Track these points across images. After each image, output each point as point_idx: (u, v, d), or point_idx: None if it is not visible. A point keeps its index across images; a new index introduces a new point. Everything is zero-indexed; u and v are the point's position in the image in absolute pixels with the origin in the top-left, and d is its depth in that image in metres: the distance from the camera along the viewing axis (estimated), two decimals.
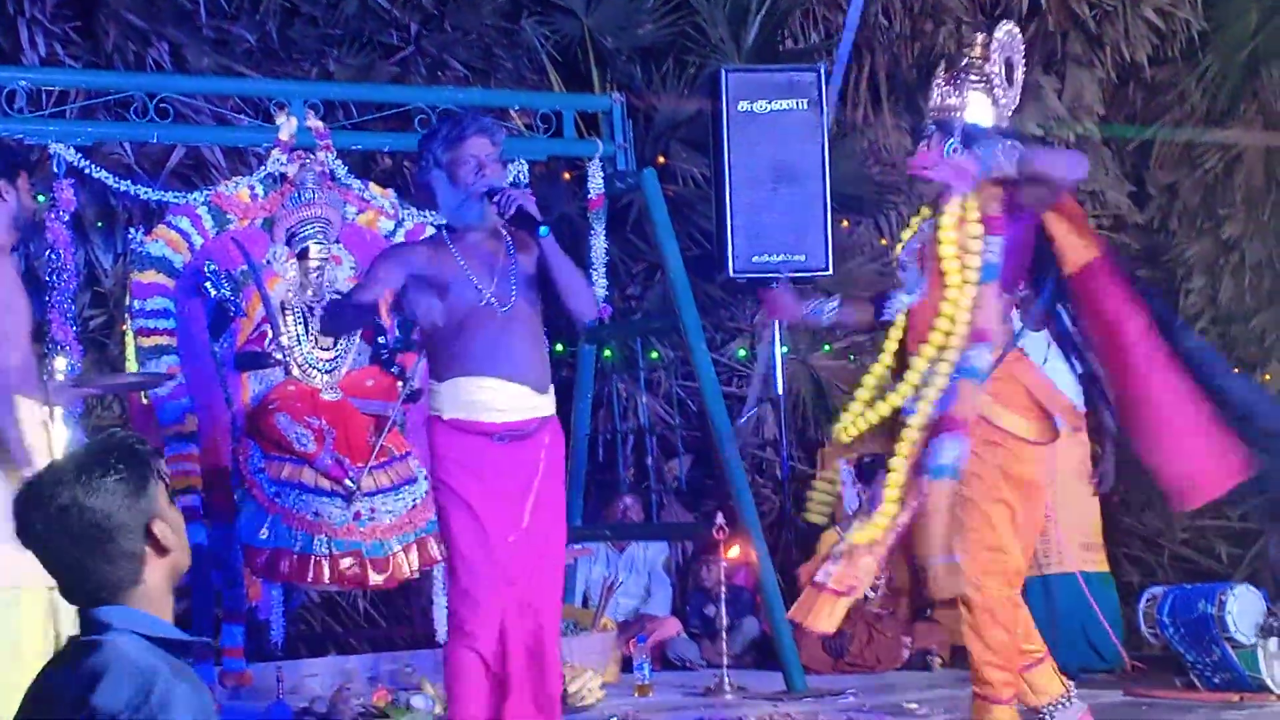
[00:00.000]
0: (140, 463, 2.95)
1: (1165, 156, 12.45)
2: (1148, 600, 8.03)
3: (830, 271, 9.45)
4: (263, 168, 7.96)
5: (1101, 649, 8.71)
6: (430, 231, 8.17)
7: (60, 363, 7.28)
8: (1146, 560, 11.07)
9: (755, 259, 9.15)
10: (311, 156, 7.95)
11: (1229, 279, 12.08)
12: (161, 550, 2.94)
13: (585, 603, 9.44)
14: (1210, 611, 7.68)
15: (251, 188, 7.90)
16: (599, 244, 8.84)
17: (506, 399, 5.57)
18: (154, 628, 2.90)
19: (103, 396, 8.70)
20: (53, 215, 7.45)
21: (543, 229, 5.57)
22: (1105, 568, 8.89)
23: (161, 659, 2.84)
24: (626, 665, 8.54)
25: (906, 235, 6.07)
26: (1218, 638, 7.62)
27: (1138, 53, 12.19)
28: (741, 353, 11.19)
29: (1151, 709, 7.42)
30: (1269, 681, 7.56)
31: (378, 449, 7.63)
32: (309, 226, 7.87)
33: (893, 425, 5.94)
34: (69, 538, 2.89)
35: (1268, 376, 11.91)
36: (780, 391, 9.82)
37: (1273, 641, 7.56)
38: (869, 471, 9.61)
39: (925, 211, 6.03)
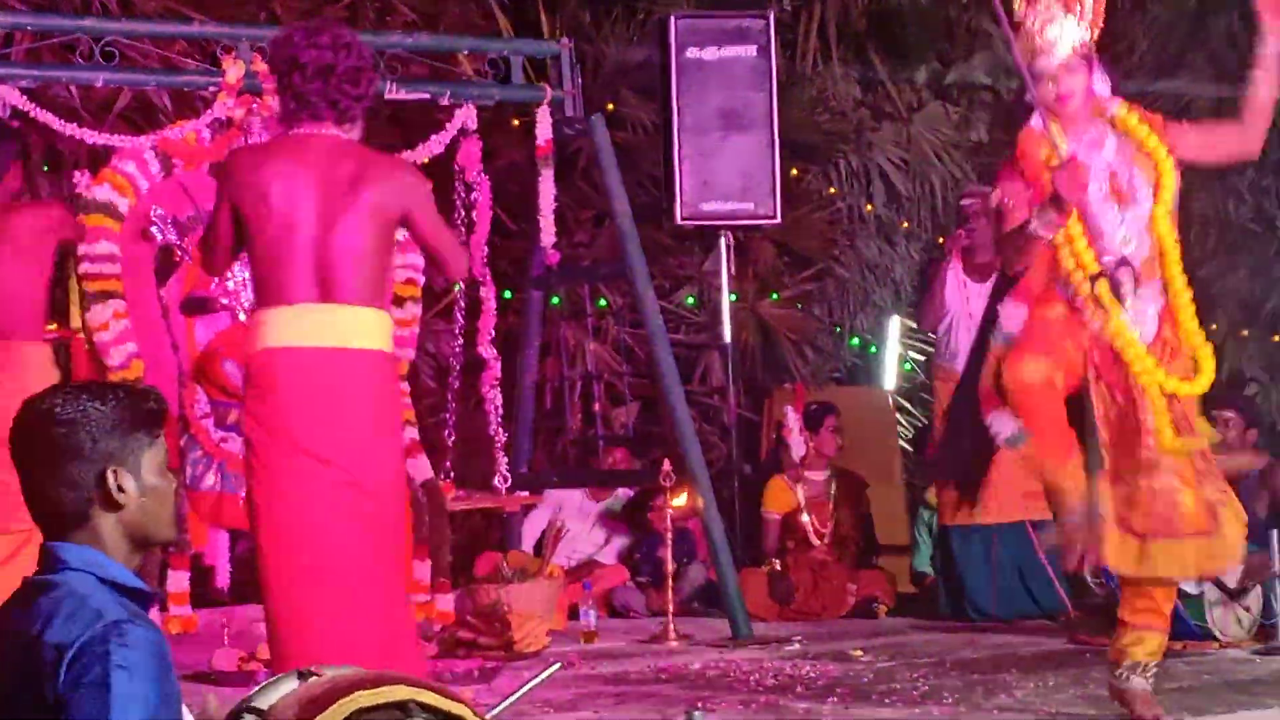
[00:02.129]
0: (135, 411, 2.96)
1: None
2: None
3: (779, 220, 9.45)
4: (209, 112, 7.89)
5: (1040, 597, 8.76)
6: None
7: None
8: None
9: (704, 206, 9.13)
10: (259, 101, 7.89)
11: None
12: (110, 504, 2.93)
13: (539, 550, 9.45)
14: None
15: (199, 132, 7.84)
16: (547, 190, 8.81)
17: None
18: (108, 571, 2.90)
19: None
20: None
21: None
22: (1048, 515, 8.92)
23: (115, 601, 2.84)
24: (574, 613, 8.55)
25: None
26: None
27: None
28: (690, 300, 11.20)
29: (1096, 656, 7.46)
30: (1212, 629, 7.63)
31: None
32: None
33: None
34: (31, 443, 2.92)
35: (1214, 326, 11.99)
36: (728, 339, 9.82)
37: (1213, 590, 7.63)
38: (815, 419, 9.68)
39: None
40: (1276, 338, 11.97)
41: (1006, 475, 8.67)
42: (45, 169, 9.34)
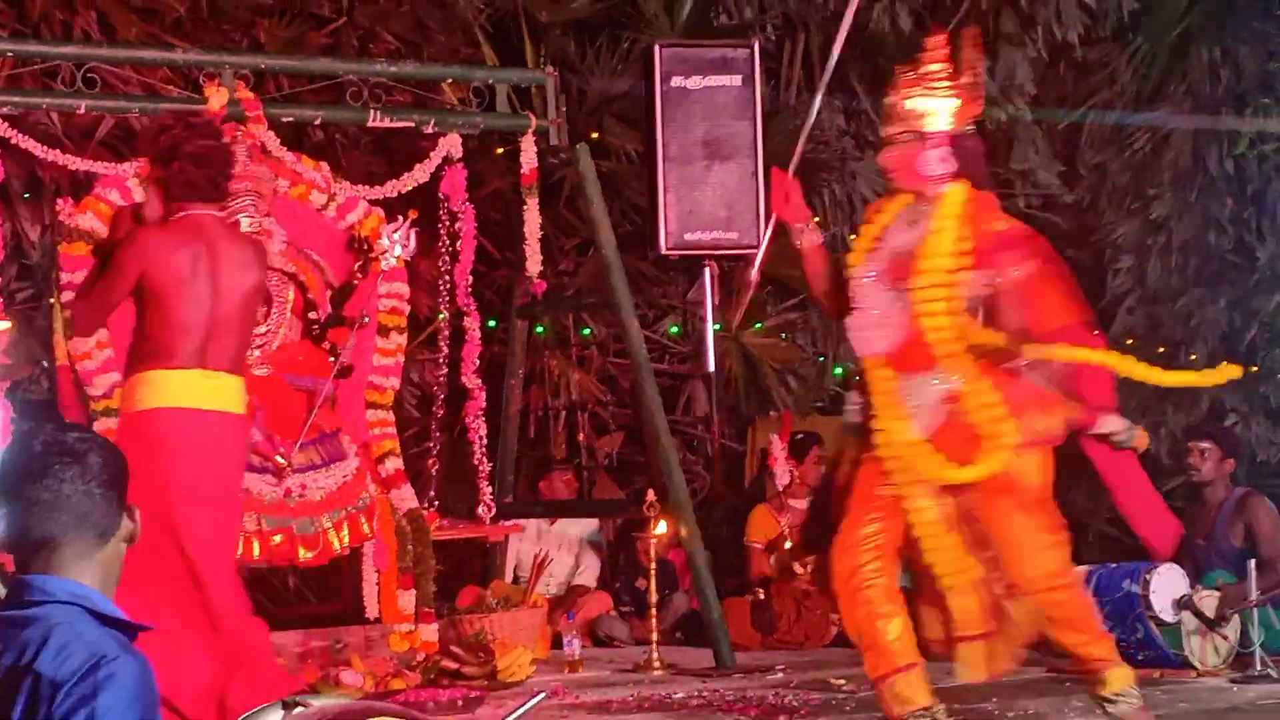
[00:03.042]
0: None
1: (1095, 136, 12.52)
2: None
3: (762, 250, 9.44)
4: None
5: None
6: (363, 206, 8.14)
7: None
8: (1072, 539, 11.13)
9: (688, 236, 9.13)
10: (242, 128, 7.88)
11: (1157, 259, 12.18)
12: (129, 534, 2.96)
13: (516, 579, 9.44)
14: (1135, 590, 7.74)
15: None
16: (532, 219, 8.81)
17: None
18: (98, 604, 2.88)
19: (31, 371, 8.61)
20: None
21: None
22: None
23: (109, 634, 2.83)
24: (557, 642, 8.54)
25: None
26: (1142, 616, 7.68)
27: (1069, 32, 12.25)
28: (674, 329, 11.20)
29: (1074, 684, 7.46)
30: (1190, 657, 7.64)
31: (309, 425, 7.59)
32: (239, 199, 7.80)
33: None
34: (60, 463, 2.89)
35: (1193, 356, 12.02)
36: (712, 368, 9.82)
37: (1191, 619, 7.65)
38: (800, 448, 9.69)
39: None
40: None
41: None
42: (26, 196, 9.32)
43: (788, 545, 9.55)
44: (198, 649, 6.01)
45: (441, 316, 8.65)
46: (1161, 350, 12.25)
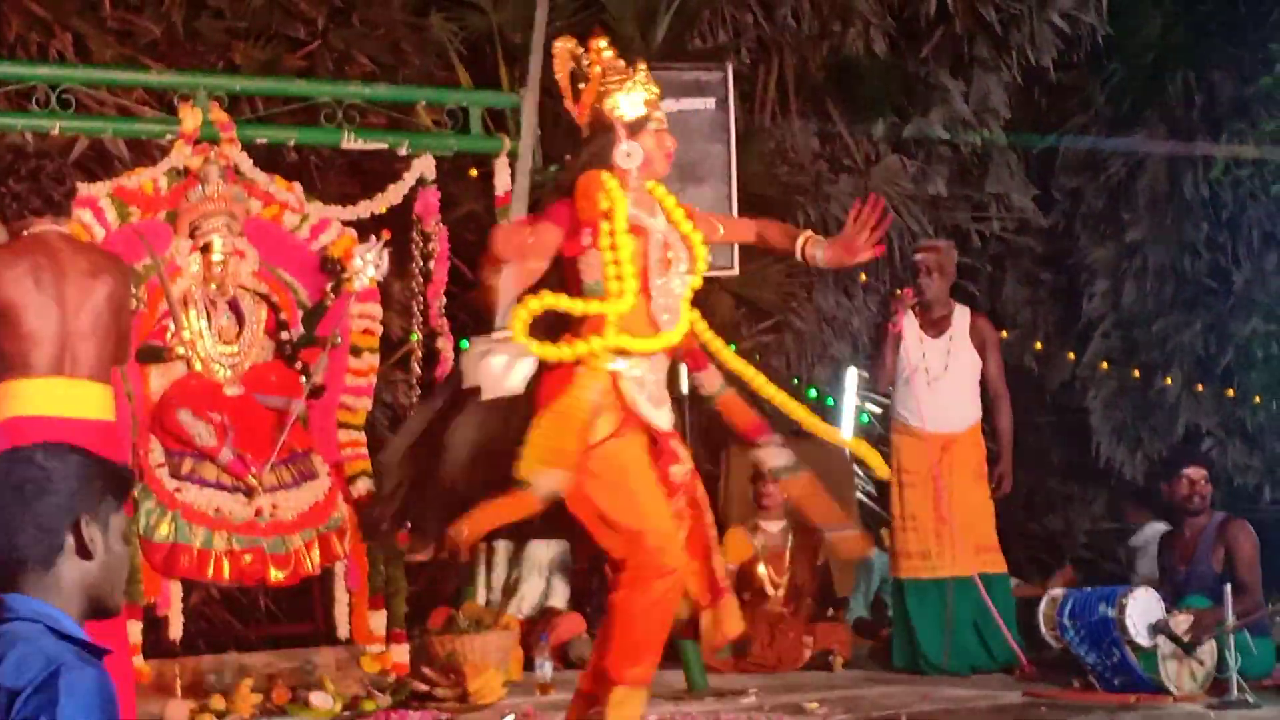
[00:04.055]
0: (110, 476, 3.00)
1: (1070, 161, 12.56)
2: (1048, 602, 8.08)
3: (736, 272, 9.45)
4: (166, 160, 7.88)
5: (994, 649, 8.77)
6: (336, 227, 8.14)
7: None
8: (1047, 562, 11.15)
9: None
10: (216, 149, 7.88)
11: (1132, 283, 12.22)
12: (83, 553, 2.93)
13: (488, 601, 9.41)
14: (1110, 614, 7.73)
15: (155, 180, 7.82)
16: None
17: None
18: (60, 624, 2.88)
19: None
20: None
21: None
22: (1002, 569, 8.95)
23: (67, 648, 2.83)
24: (529, 664, 8.52)
25: None
26: (1118, 640, 7.67)
27: (1043, 57, 12.29)
28: None
29: (1050, 709, 7.47)
30: (1166, 682, 7.63)
31: (280, 445, 7.59)
32: (213, 220, 7.81)
33: None
34: (6, 485, 2.91)
35: (1169, 380, 12.05)
36: (685, 390, 9.80)
37: (1167, 643, 7.64)
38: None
39: None
40: (1231, 393, 12.02)
41: (961, 529, 8.72)
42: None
43: (760, 568, 9.55)
44: None
45: (414, 337, 8.63)
46: (1137, 374, 12.29)
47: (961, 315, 9.00)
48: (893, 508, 8.97)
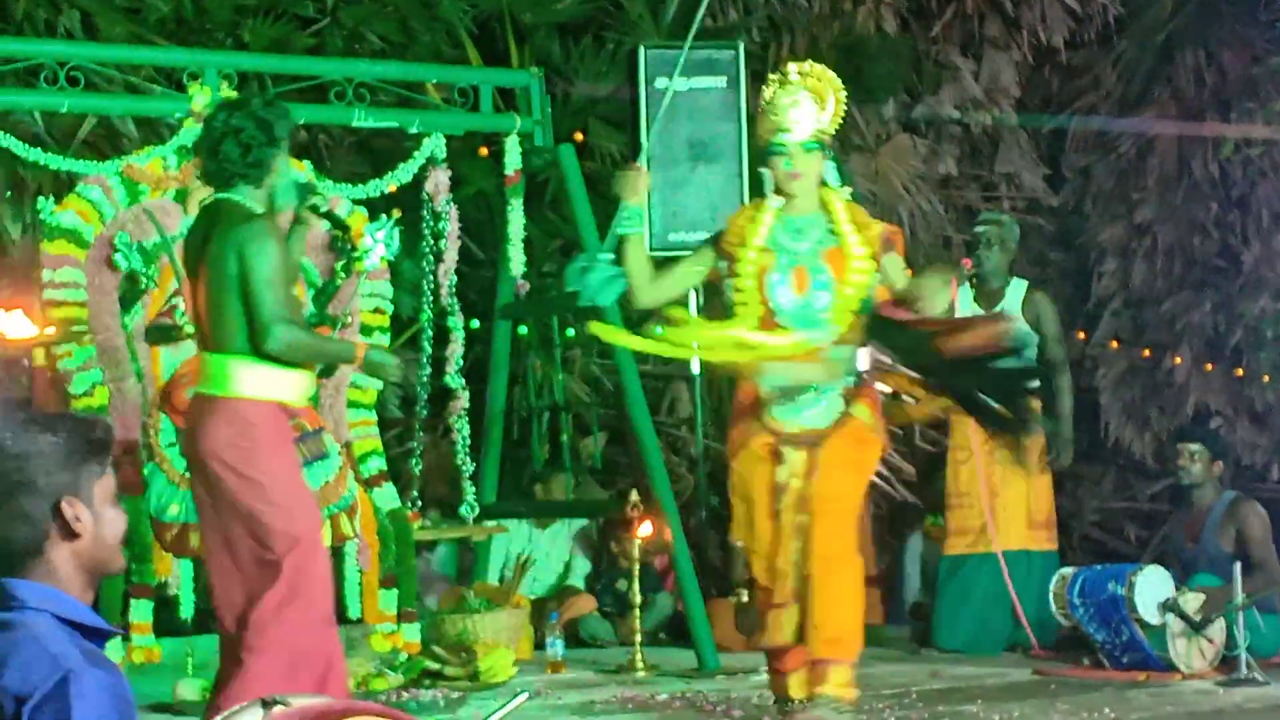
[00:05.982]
0: (86, 441, 2.91)
1: (1080, 140, 12.53)
2: (1058, 580, 8.09)
3: None
4: (176, 138, 7.86)
5: (1006, 629, 8.77)
6: (345, 204, 8.12)
7: None
8: (1058, 541, 11.13)
9: (672, 236, 9.12)
10: None
11: (1141, 263, 12.18)
12: (69, 534, 2.89)
13: (501, 580, 9.41)
14: (1120, 592, 7.74)
15: (164, 159, 7.81)
16: (516, 220, 8.81)
17: None
18: (66, 608, 2.85)
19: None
20: None
21: None
22: (1052, 546, 8.91)
23: (74, 643, 2.79)
24: (540, 642, 8.52)
25: None
26: (1127, 618, 7.68)
27: (1054, 36, 12.26)
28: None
29: (1060, 687, 7.47)
30: (1175, 660, 7.63)
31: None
32: None
33: None
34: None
35: (1178, 360, 12.02)
36: (696, 370, 9.81)
37: (1176, 621, 7.64)
38: None
39: None
40: (1240, 372, 11.99)
41: (1012, 504, 8.70)
42: (8, 195, 9.30)
43: None
44: None
45: (425, 317, 8.63)
46: (1146, 354, 12.26)
47: (1016, 289, 8.95)
48: (947, 485, 8.96)
